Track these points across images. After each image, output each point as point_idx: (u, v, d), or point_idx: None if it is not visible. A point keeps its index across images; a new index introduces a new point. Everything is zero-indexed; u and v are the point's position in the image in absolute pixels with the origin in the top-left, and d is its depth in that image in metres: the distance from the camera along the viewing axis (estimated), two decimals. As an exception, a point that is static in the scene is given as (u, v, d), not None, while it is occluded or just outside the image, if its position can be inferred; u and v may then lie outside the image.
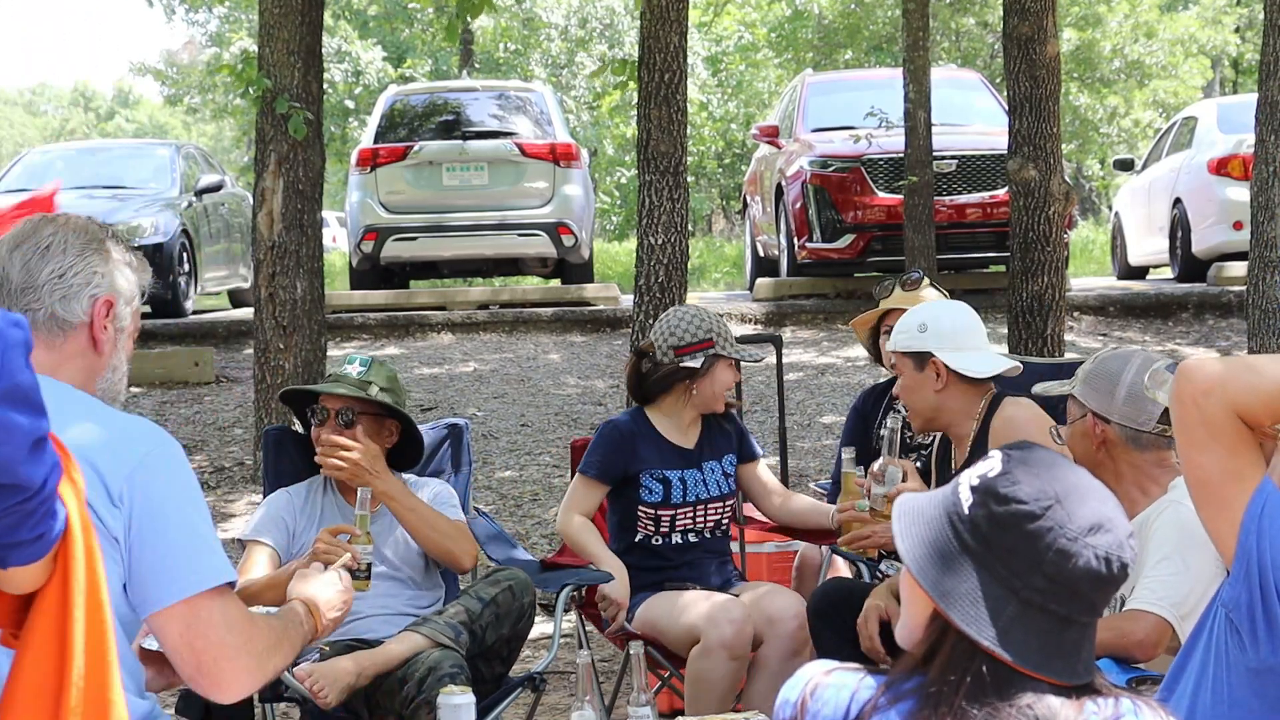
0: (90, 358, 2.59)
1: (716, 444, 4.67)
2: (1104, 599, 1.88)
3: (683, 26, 7.59)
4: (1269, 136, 7.69)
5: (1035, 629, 1.85)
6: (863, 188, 11.94)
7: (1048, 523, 1.85)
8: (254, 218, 8.04)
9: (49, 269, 2.56)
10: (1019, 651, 1.84)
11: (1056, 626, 1.85)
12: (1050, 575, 1.84)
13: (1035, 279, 8.04)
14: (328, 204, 16.61)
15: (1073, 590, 1.85)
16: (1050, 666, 1.84)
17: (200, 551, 2.42)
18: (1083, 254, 20.15)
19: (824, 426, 9.10)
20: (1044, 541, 1.84)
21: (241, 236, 14.12)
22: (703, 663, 4.20)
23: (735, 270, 19.76)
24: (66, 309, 2.56)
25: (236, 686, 2.43)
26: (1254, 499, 2.23)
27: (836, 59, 26.29)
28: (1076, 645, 1.87)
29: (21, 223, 2.65)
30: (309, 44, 7.90)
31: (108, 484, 2.39)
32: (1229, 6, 27.69)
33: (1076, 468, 1.95)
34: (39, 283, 2.56)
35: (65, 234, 2.60)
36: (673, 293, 7.48)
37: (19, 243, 2.59)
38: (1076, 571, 1.84)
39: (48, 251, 2.57)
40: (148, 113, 62.47)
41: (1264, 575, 2.21)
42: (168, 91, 37.88)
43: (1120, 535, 1.86)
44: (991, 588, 1.86)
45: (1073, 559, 1.84)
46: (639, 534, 4.58)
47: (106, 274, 2.60)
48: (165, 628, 2.40)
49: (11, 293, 2.56)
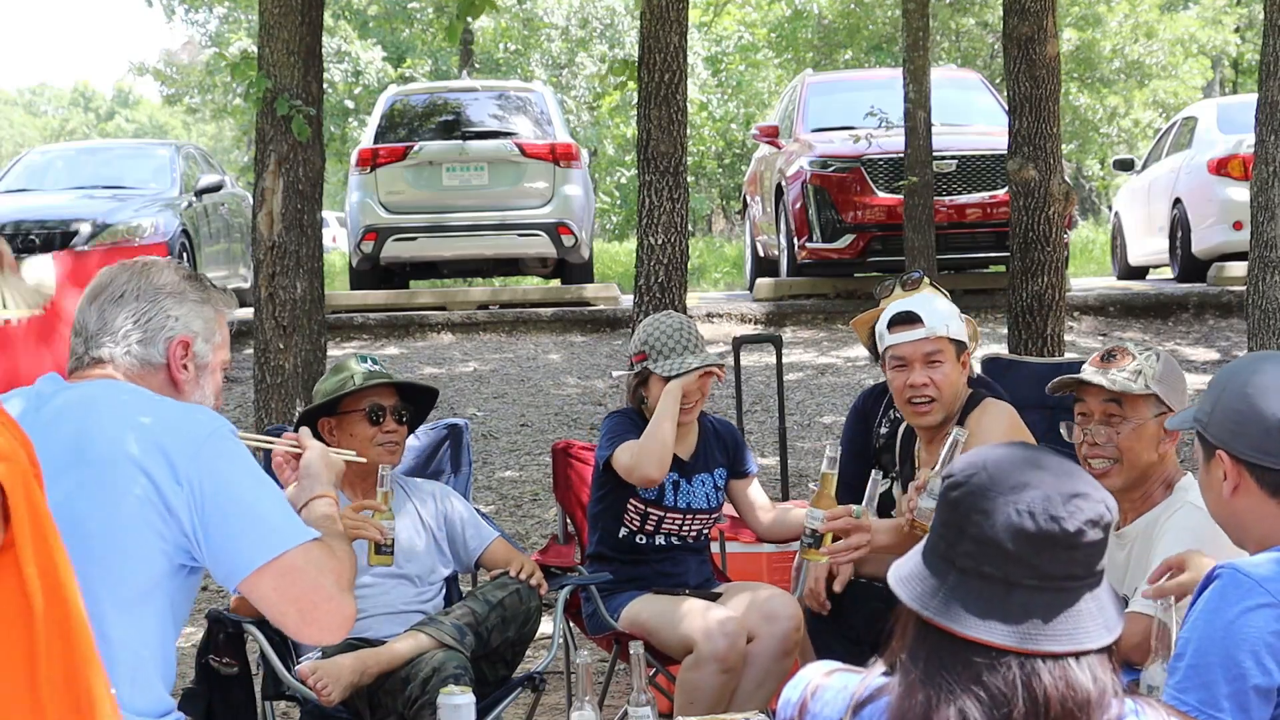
0: (170, 393, 2.73)
1: (710, 457, 4.68)
2: (1049, 560, 1.85)
3: (683, 26, 7.59)
4: (1269, 136, 7.68)
5: (975, 595, 1.86)
6: (863, 188, 11.94)
7: (970, 487, 1.89)
8: (254, 218, 8.03)
9: (123, 315, 2.72)
10: (960, 619, 1.85)
11: (998, 591, 1.85)
12: (975, 537, 1.87)
13: (1035, 279, 8.04)
14: (328, 204, 16.61)
15: (1000, 550, 1.85)
16: (996, 632, 1.83)
17: (280, 515, 2.58)
18: (1083, 254, 20.14)
19: (824, 426, 9.10)
20: (966, 504, 1.88)
21: (241, 236, 14.12)
22: (695, 673, 4.24)
23: (735, 270, 19.75)
24: (145, 350, 2.72)
25: (339, 622, 2.56)
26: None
27: (836, 59, 26.30)
28: (1026, 609, 1.84)
29: (101, 272, 2.79)
30: (309, 44, 7.89)
31: (173, 462, 2.53)
32: (1229, 6, 27.69)
33: (1030, 449, 1.95)
34: (115, 329, 2.71)
35: (139, 282, 2.75)
36: (673, 293, 7.48)
37: (97, 294, 2.75)
38: (998, 530, 1.85)
39: (121, 299, 2.73)
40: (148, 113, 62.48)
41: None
42: (168, 91, 37.88)
43: (1050, 494, 1.85)
44: (934, 562, 1.90)
45: (992, 517, 1.86)
46: (623, 530, 4.60)
47: (181, 316, 2.74)
48: (258, 587, 2.54)
49: (89, 338, 2.72)
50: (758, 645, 4.32)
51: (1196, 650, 2.29)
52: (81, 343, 2.72)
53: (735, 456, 4.73)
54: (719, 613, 4.34)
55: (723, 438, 4.73)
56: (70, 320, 2.87)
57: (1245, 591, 2.28)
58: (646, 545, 4.61)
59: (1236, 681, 2.25)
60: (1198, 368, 10.18)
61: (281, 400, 7.51)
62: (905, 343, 4.17)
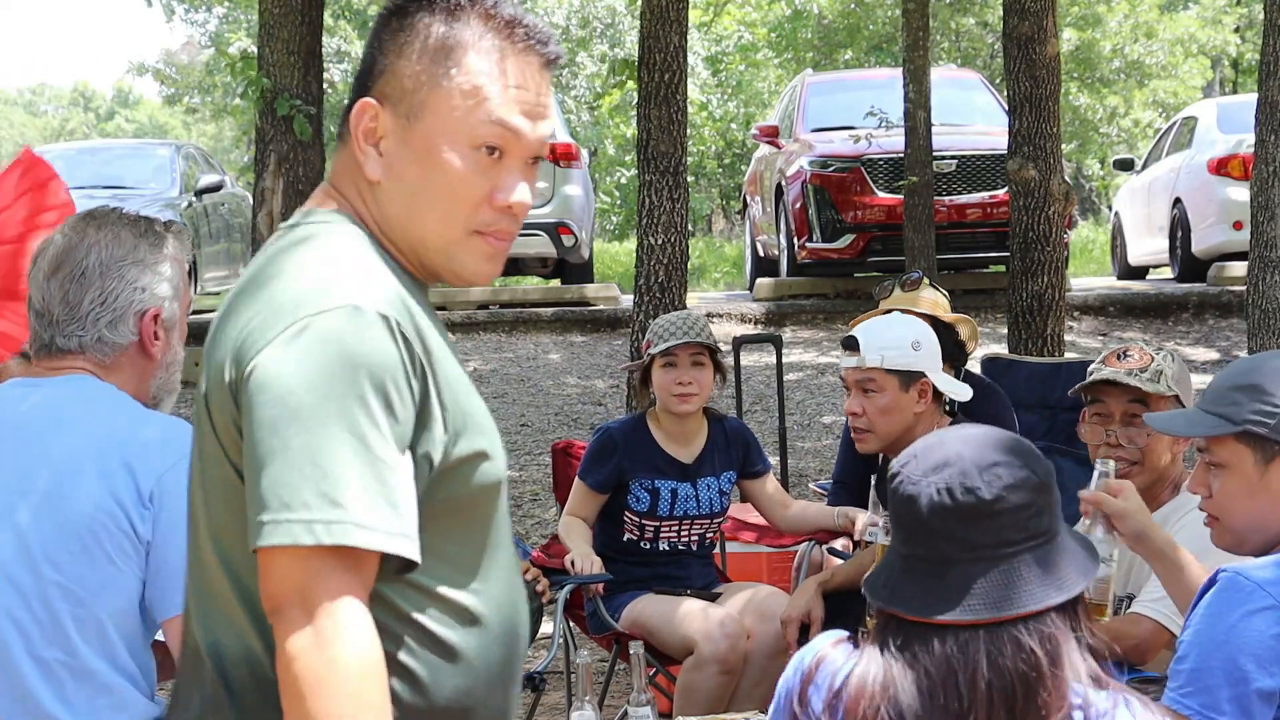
0: (142, 363, 2.60)
1: (719, 460, 4.64)
2: (974, 531, 1.90)
3: (683, 26, 7.59)
4: (1269, 136, 7.69)
5: (917, 578, 1.93)
6: (863, 188, 11.94)
7: (899, 476, 1.97)
8: (254, 218, 8.04)
9: (89, 297, 2.56)
10: (906, 602, 1.92)
11: (935, 570, 1.92)
12: (904, 521, 1.96)
13: (1035, 279, 8.04)
14: (328, 204, 16.55)
15: (928, 529, 1.92)
16: (937, 609, 1.89)
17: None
18: (1083, 254, 20.15)
19: (824, 426, 9.10)
20: (898, 494, 1.96)
21: (241, 236, 14.11)
22: (695, 675, 4.25)
23: (735, 270, 19.76)
24: (115, 332, 2.57)
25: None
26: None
27: (836, 59, 26.28)
28: (965, 583, 1.89)
29: (55, 240, 2.61)
30: (309, 44, 7.90)
31: (139, 483, 2.41)
32: (1229, 6, 27.68)
33: (964, 429, 2.01)
34: (82, 314, 2.56)
35: (100, 253, 2.57)
36: (673, 293, 7.48)
37: (56, 267, 2.57)
38: (921, 510, 1.92)
39: (85, 277, 2.56)
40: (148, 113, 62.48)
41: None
42: (167, 91, 37.88)
43: (967, 468, 1.91)
44: (888, 556, 2.00)
45: (915, 500, 1.93)
46: (625, 535, 4.61)
47: (148, 285, 2.59)
48: (180, 625, 2.40)
49: (55, 323, 2.57)
50: (755, 644, 4.32)
51: (1198, 654, 2.29)
52: (46, 326, 2.57)
53: (747, 458, 4.70)
54: (719, 613, 4.34)
55: (732, 441, 4.69)
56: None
57: (1246, 595, 2.29)
58: (650, 550, 4.61)
59: (1238, 685, 2.25)
60: (1198, 368, 10.18)
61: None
62: (845, 368, 4.15)
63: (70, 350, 2.56)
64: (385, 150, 1.82)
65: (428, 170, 1.80)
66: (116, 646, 2.44)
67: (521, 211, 1.83)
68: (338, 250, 1.77)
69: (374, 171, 1.82)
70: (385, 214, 1.83)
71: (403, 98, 1.80)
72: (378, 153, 1.82)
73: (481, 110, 1.79)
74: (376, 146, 1.82)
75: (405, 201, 1.81)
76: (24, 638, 2.41)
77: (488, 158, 1.80)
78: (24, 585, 2.40)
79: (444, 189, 1.80)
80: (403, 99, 1.80)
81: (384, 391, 1.65)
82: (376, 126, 1.82)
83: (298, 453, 1.61)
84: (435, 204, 1.80)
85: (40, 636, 2.41)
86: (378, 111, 1.81)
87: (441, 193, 1.80)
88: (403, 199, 1.81)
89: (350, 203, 1.85)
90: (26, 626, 2.41)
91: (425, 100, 1.79)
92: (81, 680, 2.42)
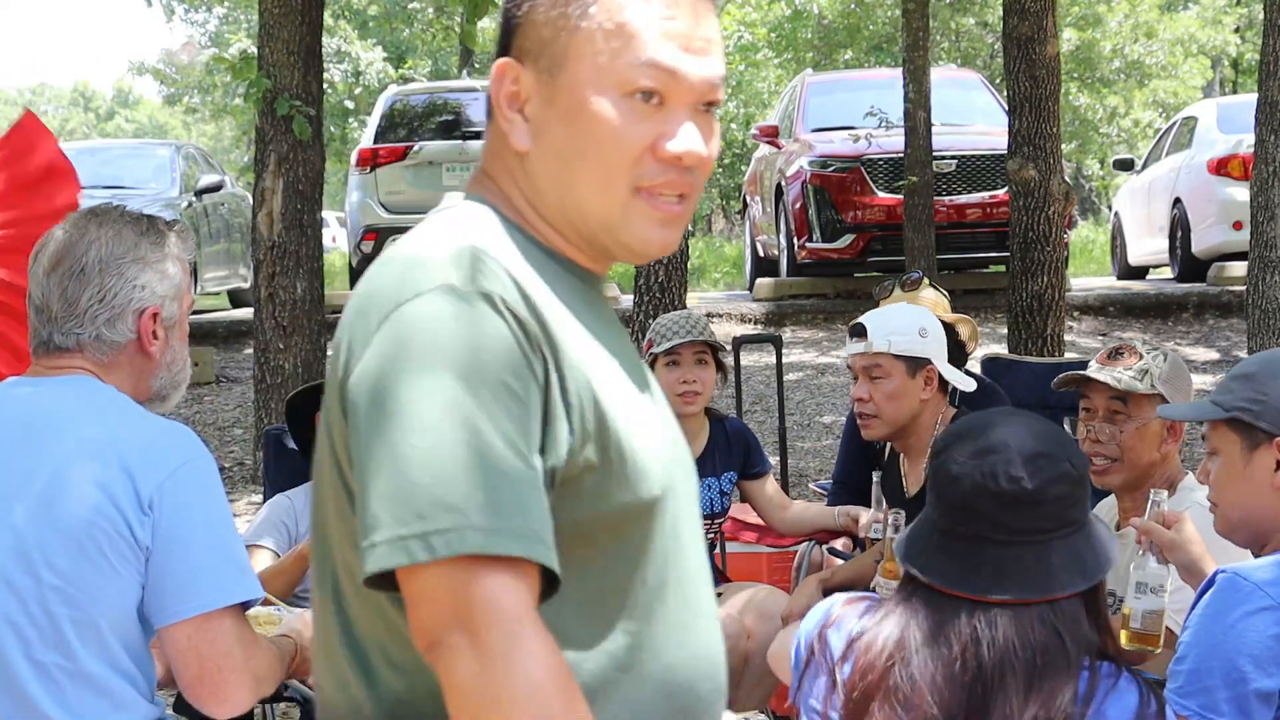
0: (141, 363, 2.58)
1: (720, 460, 4.64)
2: (1014, 517, 2.02)
3: (683, 27, 7.58)
4: (1269, 136, 7.69)
5: (952, 553, 2.05)
6: (863, 188, 11.94)
7: (943, 456, 2.10)
8: (254, 218, 8.04)
9: (88, 294, 2.53)
10: (939, 574, 2.04)
11: (972, 548, 2.04)
12: (947, 499, 2.07)
13: (1035, 279, 8.04)
14: (328, 204, 16.61)
15: (968, 510, 2.04)
16: (970, 584, 2.02)
17: (228, 566, 2.41)
18: (1083, 254, 20.14)
19: (824, 426, 9.10)
20: (941, 473, 2.08)
21: (241, 236, 14.11)
22: None
23: (735, 270, 19.74)
24: (113, 330, 2.54)
25: (234, 701, 2.41)
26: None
27: (836, 59, 26.29)
28: (1001, 564, 2.02)
29: (55, 235, 2.59)
30: (309, 44, 7.90)
31: (139, 489, 2.38)
32: (1229, 6, 27.69)
33: (1011, 414, 2.14)
34: (80, 310, 2.53)
35: (100, 249, 2.54)
36: (673, 293, 7.48)
37: (55, 263, 2.55)
38: (964, 491, 2.04)
39: (84, 274, 2.53)
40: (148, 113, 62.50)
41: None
42: (167, 91, 37.90)
43: (1013, 456, 2.03)
44: (924, 526, 2.12)
45: (959, 481, 2.05)
46: None
47: (147, 284, 2.56)
48: (175, 633, 2.39)
49: (54, 319, 2.55)
50: (755, 644, 4.31)
51: (1197, 655, 2.29)
52: (45, 322, 2.55)
53: (748, 458, 4.70)
54: (719, 613, 4.34)
55: (734, 441, 4.68)
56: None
57: (1245, 595, 2.29)
58: None
59: (1237, 686, 2.25)
60: (1198, 368, 10.18)
61: (281, 400, 7.51)
62: (852, 354, 4.15)
63: (68, 348, 2.54)
64: (531, 115, 1.59)
65: (577, 127, 1.56)
66: (115, 649, 2.43)
67: (695, 163, 1.58)
68: (440, 231, 1.55)
69: (520, 141, 1.59)
70: (538, 188, 1.60)
71: (542, 50, 1.57)
72: (523, 119, 1.59)
73: (630, 51, 1.54)
74: (521, 112, 1.59)
75: (557, 167, 1.58)
76: (22, 641, 2.40)
77: (645, 104, 1.56)
78: (21, 589, 2.39)
79: (595, 144, 1.55)
80: (542, 52, 1.57)
81: (495, 377, 1.44)
82: (519, 90, 1.59)
83: (405, 460, 1.41)
84: (589, 163, 1.56)
85: (38, 640, 2.40)
86: (518, 72, 1.59)
87: (594, 149, 1.56)
88: (554, 165, 1.58)
89: (498, 184, 1.63)
90: (24, 630, 2.40)
91: (565, 48, 1.56)
92: (80, 683, 2.41)
